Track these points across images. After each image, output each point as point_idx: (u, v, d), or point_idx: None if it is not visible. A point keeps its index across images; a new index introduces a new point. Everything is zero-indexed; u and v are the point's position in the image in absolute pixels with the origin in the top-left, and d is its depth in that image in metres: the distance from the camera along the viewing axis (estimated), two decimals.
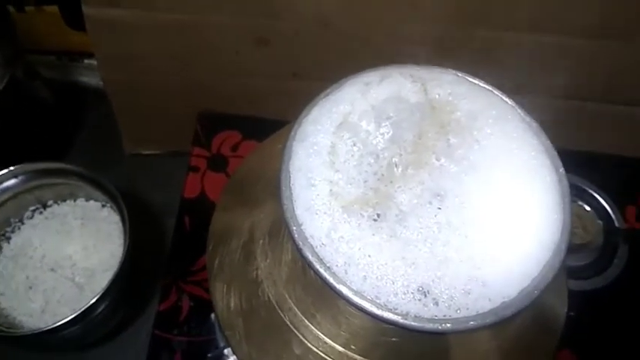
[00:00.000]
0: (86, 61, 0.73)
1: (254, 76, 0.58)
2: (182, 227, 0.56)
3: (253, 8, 0.52)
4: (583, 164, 0.61)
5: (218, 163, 0.59)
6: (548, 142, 0.31)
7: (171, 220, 0.59)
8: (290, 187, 0.29)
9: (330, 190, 0.29)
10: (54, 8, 0.68)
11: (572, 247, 0.55)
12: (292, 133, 0.31)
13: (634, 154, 0.63)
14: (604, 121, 0.62)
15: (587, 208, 0.58)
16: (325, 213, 0.28)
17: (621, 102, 0.60)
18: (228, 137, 0.60)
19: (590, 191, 0.59)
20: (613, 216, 0.58)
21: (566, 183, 0.30)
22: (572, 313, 0.54)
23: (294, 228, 0.28)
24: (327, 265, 0.27)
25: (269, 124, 0.60)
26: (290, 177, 0.29)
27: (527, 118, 0.32)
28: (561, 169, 0.30)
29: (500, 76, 0.58)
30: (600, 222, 0.57)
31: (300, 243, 0.27)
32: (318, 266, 0.27)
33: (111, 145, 0.69)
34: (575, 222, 0.55)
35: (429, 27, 0.53)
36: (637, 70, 0.56)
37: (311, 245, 0.27)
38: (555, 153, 0.31)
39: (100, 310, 0.51)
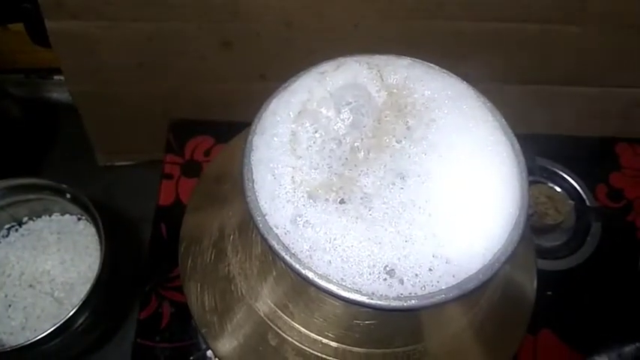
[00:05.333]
0: (55, 77, 0.73)
1: (222, 80, 0.59)
2: (159, 234, 0.56)
3: (216, 13, 0.53)
4: (552, 147, 0.62)
5: (192, 169, 0.59)
6: (503, 119, 0.32)
7: (147, 228, 0.59)
8: (252, 180, 0.29)
9: (293, 178, 0.29)
10: (19, 26, 0.68)
11: (546, 228, 0.56)
12: (252, 127, 0.31)
13: (601, 134, 0.65)
14: (571, 104, 0.63)
15: (558, 189, 0.59)
16: (289, 201, 0.28)
17: (585, 84, 0.61)
18: (201, 143, 0.61)
19: (561, 172, 0.60)
20: (584, 195, 0.59)
21: (522, 158, 0.31)
22: (549, 293, 0.55)
23: (259, 218, 0.28)
24: (292, 251, 0.27)
25: (240, 127, 0.60)
26: (252, 169, 0.29)
27: (482, 98, 0.33)
28: (516, 145, 0.31)
29: (464, 66, 0.59)
30: (572, 202, 0.58)
31: (265, 232, 0.28)
32: (283, 253, 0.27)
33: (84, 159, 0.69)
34: (546, 203, 0.56)
35: (391, 22, 0.54)
36: (599, 53, 0.58)
37: (276, 234, 0.28)
38: (510, 130, 0.31)
39: (80, 322, 0.51)
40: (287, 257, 0.27)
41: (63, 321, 0.49)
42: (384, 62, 0.34)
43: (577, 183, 0.60)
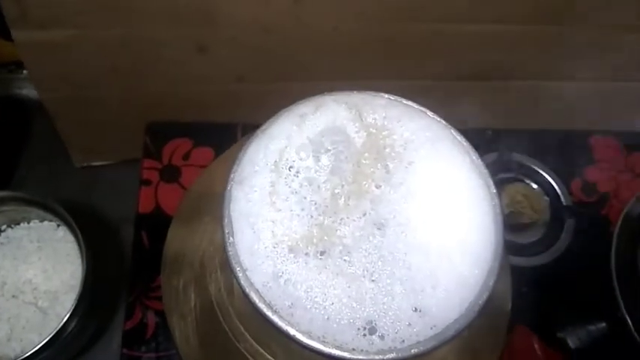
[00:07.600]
0: (24, 71, 0.71)
1: (198, 83, 0.58)
2: (140, 243, 0.56)
3: (190, 19, 0.51)
4: (528, 142, 0.63)
5: (171, 174, 0.59)
6: (479, 160, 0.32)
7: (128, 229, 0.59)
8: (233, 233, 0.29)
9: (273, 232, 0.29)
10: None
11: (521, 227, 0.58)
12: (231, 175, 0.31)
13: (577, 127, 0.65)
14: (547, 98, 0.64)
15: (534, 185, 0.60)
16: (268, 256, 0.29)
17: (561, 78, 0.62)
18: (179, 146, 0.60)
19: (537, 168, 0.61)
20: (559, 191, 0.60)
21: (497, 200, 0.31)
22: (524, 289, 0.57)
23: (240, 275, 0.28)
24: (274, 308, 0.28)
25: (218, 129, 0.60)
26: (232, 223, 0.29)
27: (459, 137, 0.33)
28: (492, 187, 0.31)
29: (443, 65, 0.59)
30: (547, 198, 0.59)
31: (246, 288, 0.28)
32: (265, 310, 0.28)
33: (60, 157, 0.68)
34: (523, 202, 0.57)
35: (368, 25, 0.53)
36: (574, 50, 0.58)
37: (257, 290, 0.28)
38: (486, 171, 0.32)
39: (68, 332, 0.51)
40: (269, 314, 0.28)
41: (55, 332, 0.49)
42: (363, 101, 0.33)
43: (552, 178, 0.60)
